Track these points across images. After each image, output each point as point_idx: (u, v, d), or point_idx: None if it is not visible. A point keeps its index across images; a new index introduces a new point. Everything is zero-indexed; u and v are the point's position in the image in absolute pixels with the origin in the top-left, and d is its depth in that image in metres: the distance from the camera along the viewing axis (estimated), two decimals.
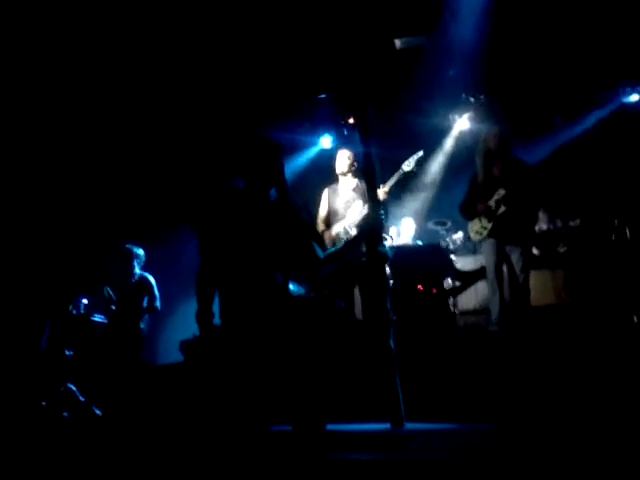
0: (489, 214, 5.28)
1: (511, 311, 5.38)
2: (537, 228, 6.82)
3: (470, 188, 5.56)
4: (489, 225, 5.28)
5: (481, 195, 5.37)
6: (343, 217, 5.29)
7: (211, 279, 2.98)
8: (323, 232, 5.31)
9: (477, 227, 5.40)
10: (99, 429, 4.72)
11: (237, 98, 7.10)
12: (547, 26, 6.22)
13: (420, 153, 5.50)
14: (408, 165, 5.42)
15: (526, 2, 6.00)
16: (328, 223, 5.35)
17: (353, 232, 5.16)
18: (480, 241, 5.41)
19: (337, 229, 5.26)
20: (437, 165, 7.95)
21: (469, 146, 6.85)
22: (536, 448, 2.36)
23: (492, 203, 5.27)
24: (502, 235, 5.26)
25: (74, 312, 5.89)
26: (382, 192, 5.11)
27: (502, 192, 5.24)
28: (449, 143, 7.85)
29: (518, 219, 5.28)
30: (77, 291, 6.12)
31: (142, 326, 6.07)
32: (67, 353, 5.72)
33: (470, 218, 5.49)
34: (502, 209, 5.22)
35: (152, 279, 6.26)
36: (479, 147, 5.61)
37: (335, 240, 5.22)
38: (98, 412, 5.39)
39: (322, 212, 5.45)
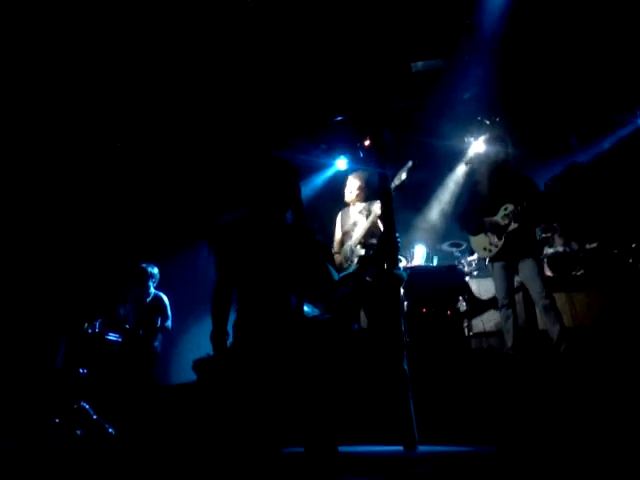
0: (499, 231, 5.22)
1: (526, 335, 5.34)
2: (553, 251, 6.78)
3: (470, 200, 5.49)
4: (500, 243, 5.19)
5: (485, 209, 5.29)
6: (351, 237, 5.37)
7: (227, 299, 3.00)
8: (337, 253, 5.39)
9: (484, 243, 5.27)
10: (111, 448, 4.71)
11: (255, 120, 7.17)
12: (563, 47, 6.23)
13: (409, 164, 5.51)
14: (399, 178, 5.43)
15: (542, 23, 6.01)
16: (342, 242, 5.45)
17: (358, 251, 5.23)
18: (489, 259, 5.27)
19: (344, 249, 5.35)
20: (450, 187, 7.94)
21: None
22: (549, 474, 2.33)
23: (499, 219, 5.22)
24: (512, 253, 5.16)
25: (89, 331, 5.93)
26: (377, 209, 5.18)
27: (510, 207, 5.16)
28: (461, 167, 7.85)
29: (528, 236, 5.21)
30: (92, 310, 6.16)
31: (156, 344, 6.09)
32: (81, 371, 5.74)
33: (474, 233, 5.38)
34: (513, 226, 5.15)
35: (166, 299, 6.29)
36: (485, 160, 5.60)
37: (343, 259, 5.29)
38: (111, 430, 5.39)
39: (337, 235, 5.56)
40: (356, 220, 5.43)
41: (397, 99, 6.98)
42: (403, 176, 5.42)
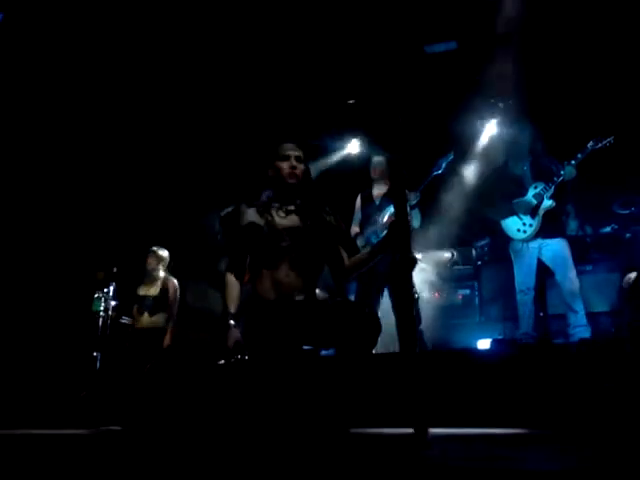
0: (533, 210, 5.16)
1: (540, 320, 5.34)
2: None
3: (495, 184, 5.44)
4: (534, 222, 5.13)
5: (511, 191, 5.25)
6: (375, 222, 5.33)
7: (238, 279, 3.02)
8: (356, 236, 5.36)
9: (518, 224, 5.21)
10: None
11: (265, 107, 7.14)
12: (578, 28, 6.14)
13: (450, 156, 5.53)
14: (438, 168, 5.45)
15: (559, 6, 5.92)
16: (362, 227, 5.41)
17: (382, 236, 5.20)
18: (525, 240, 5.19)
19: (368, 234, 5.31)
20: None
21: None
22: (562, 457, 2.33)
23: (531, 199, 5.16)
24: (546, 232, 5.11)
25: (102, 310, 5.93)
26: (414, 196, 5.13)
27: (541, 185, 5.11)
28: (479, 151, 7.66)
29: (560, 214, 5.23)
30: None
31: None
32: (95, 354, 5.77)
33: (505, 216, 5.31)
34: (549, 203, 5.10)
35: (175, 282, 6.26)
36: (508, 142, 5.55)
37: (365, 244, 5.26)
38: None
39: (356, 218, 5.51)
40: (382, 204, 5.37)
41: (409, 82, 6.91)
42: (442, 168, 5.46)
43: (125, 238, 7.25)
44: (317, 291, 3.15)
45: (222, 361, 2.89)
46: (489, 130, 7.46)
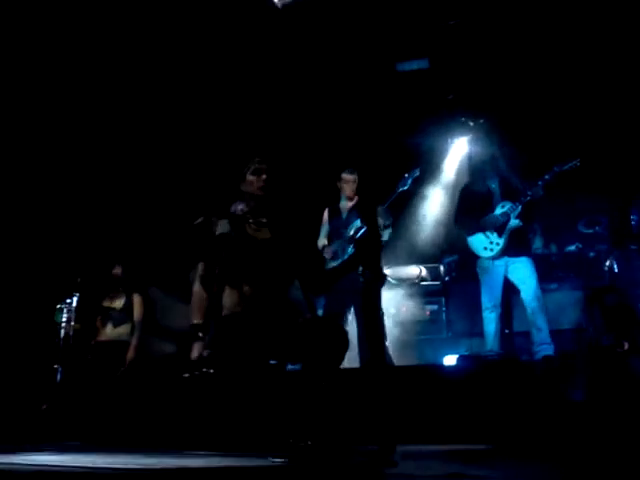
0: (499, 228, 5.20)
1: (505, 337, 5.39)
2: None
3: (463, 201, 5.50)
4: (501, 240, 5.17)
5: (480, 209, 5.29)
6: (342, 235, 5.35)
7: (210, 288, 3.00)
8: (324, 249, 5.36)
9: (484, 242, 5.24)
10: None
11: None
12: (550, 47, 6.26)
13: (417, 172, 5.56)
14: (404, 184, 5.48)
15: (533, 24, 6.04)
16: (329, 240, 5.42)
17: (349, 249, 5.21)
18: (491, 258, 5.22)
19: (334, 247, 5.31)
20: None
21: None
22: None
23: (498, 217, 5.20)
24: (512, 251, 5.16)
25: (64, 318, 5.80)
26: (384, 213, 5.16)
27: (508, 205, 5.18)
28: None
29: (526, 233, 5.27)
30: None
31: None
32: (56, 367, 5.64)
33: (472, 232, 5.33)
34: (515, 222, 5.15)
35: (141, 295, 6.16)
36: (475, 160, 5.62)
37: (331, 256, 5.26)
38: None
39: (323, 230, 5.52)
40: (349, 217, 5.39)
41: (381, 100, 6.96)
42: (408, 184, 5.49)
43: (90, 248, 7.10)
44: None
45: (187, 374, 2.85)
46: (458, 148, 7.55)
